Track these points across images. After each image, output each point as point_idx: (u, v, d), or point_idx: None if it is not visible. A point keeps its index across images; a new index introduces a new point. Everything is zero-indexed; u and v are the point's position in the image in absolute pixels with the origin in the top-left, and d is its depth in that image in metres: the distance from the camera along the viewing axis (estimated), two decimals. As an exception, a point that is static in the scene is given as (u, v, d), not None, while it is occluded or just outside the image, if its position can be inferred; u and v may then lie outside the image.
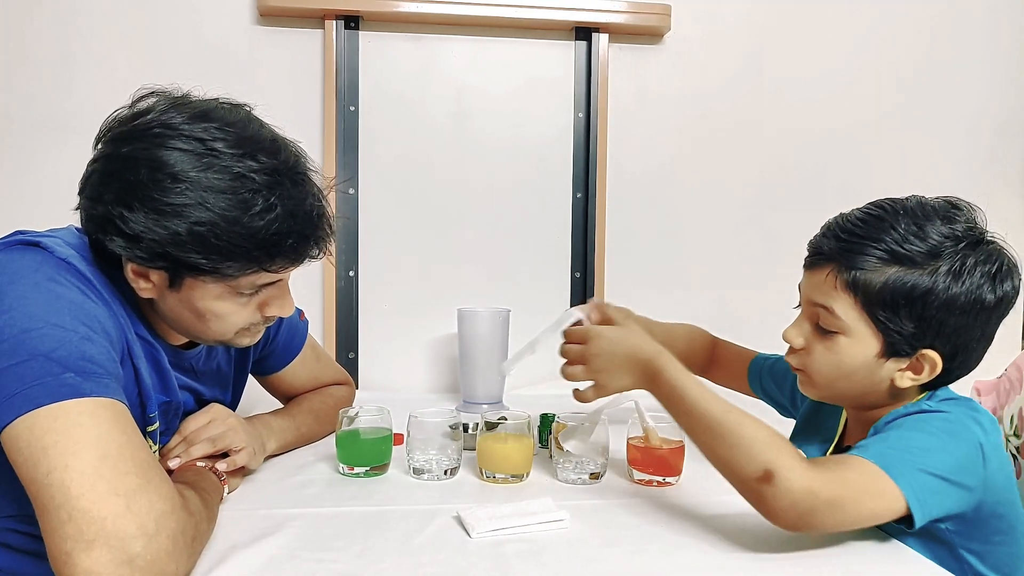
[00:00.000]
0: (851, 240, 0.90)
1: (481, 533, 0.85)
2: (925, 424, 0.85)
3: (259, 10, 1.66)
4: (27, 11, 1.63)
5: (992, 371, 1.49)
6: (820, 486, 0.77)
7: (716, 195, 1.84)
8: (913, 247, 0.87)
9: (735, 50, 1.82)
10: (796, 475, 0.77)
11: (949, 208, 0.91)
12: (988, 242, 0.91)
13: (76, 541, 0.65)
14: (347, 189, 1.71)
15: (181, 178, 0.80)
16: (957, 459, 0.82)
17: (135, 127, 0.83)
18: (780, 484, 0.78)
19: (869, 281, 0.88)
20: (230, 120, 0.85)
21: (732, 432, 0.83)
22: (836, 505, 0.78)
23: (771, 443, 0.81)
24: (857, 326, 0.90)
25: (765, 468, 0.78)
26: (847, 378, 0.93)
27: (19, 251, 0.83)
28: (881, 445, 0.83)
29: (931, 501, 0.80)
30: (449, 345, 1.76)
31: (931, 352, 0.89)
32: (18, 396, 0.70)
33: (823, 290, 0.92)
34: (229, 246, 0.82)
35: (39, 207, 1.63)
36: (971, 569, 0.87)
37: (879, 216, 0.90)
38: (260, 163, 0.83)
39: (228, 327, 0.92)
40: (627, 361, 0.97)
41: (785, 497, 0.78)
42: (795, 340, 0.96)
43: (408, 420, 1.08)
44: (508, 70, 1.77)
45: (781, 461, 0.78)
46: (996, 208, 1.89)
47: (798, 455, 0.80)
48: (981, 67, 1.91)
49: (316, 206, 0.89)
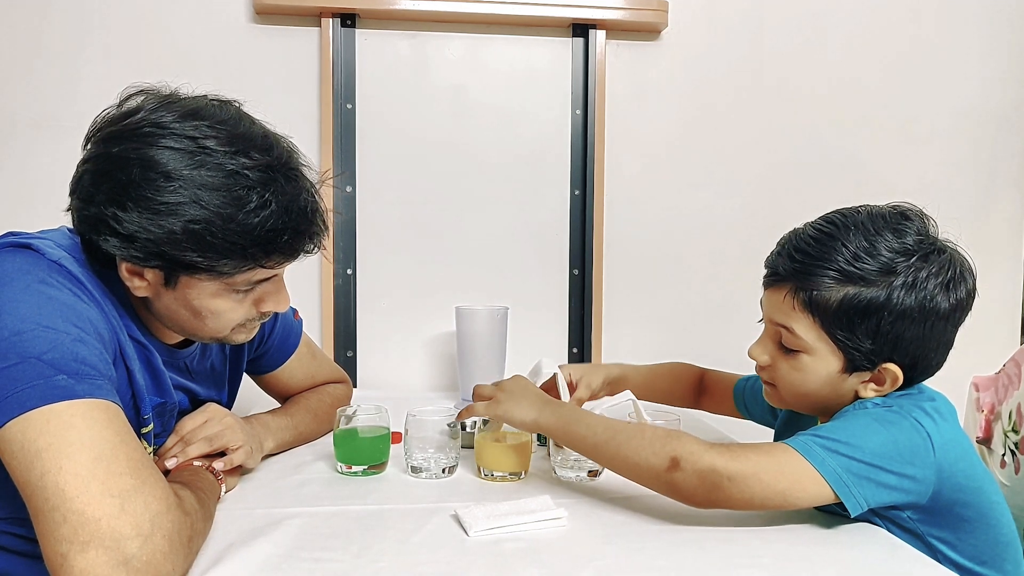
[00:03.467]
0: (805, 261, 0.91)
1: (479, 531, 0.85)
2: (860, 415, 0.88)
3: (255, 8, 1.66)
4: (22, 10, 1.63)
5: (991, 367, 1.49)
6: (723, 464, 0.83)
7: (714, 191, 1.84)
8: (865, 265, 0.88)
9: (732, 46, 1.82)
10: (699, 456, 0.84)
11: (899, 220, 0.91)
12: (940, 251, 0.90)
13: (71, 543, 0.65)
14: (344, 187, 1.71)
15: (174, 176, 0.80)
16: (894, 448, 0.84)
17: (125, 127, 0.83)
18: (686, 467, 0.85)
19: (825, 301, 0.89)
20: (221, 117, 0.85)
21: (634, 436, 0.90)
22: (739, 480, 0.83)
23: (671, 435, 0.88)
24: (818, 345, 0.91)
25: (671, 456, 0.86)
26: (813, 393, 0.95)
27: (10, 253, 0.82)
28: (808, 434, 0.86)
29: (859, 487, 0.82)
30: (447, 343, 1.75)
31: (891, 365, 0.90)
32: (10, 399, 0.69)
33: (783, 310, 0.93)
34: (225, 243, 0.82)
35: (31, 207, 1.63)
36: (944, 557, 0.88)
37: (830, 233, 0.91)
38: (253, 160, 0.83)
39: (224, 324, 0.92)
40: (530, 392, 1.05)
41: (692, 477, 0.84)
42: (760, 358, 0.98)
43: (406, 418, 1.08)
44: (505, 67, 1.76)
45: (684, 447, 0.86)
46: (996, 206, 1.91)
47: (700, 440, 0.87)
48: (981, 61, 1.90)
49: (310, 201, 0.89)
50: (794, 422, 1.11)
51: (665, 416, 1.11)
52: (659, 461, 0.86)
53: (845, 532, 0.85)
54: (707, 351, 1.48)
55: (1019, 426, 1.31)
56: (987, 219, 1.93)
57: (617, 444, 0.91)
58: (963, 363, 0.94)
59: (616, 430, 0.92)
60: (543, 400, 1.03)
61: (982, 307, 0.91)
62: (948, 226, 0.94)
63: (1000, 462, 1.37)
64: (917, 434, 0.85)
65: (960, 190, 1.91)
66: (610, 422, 0.94)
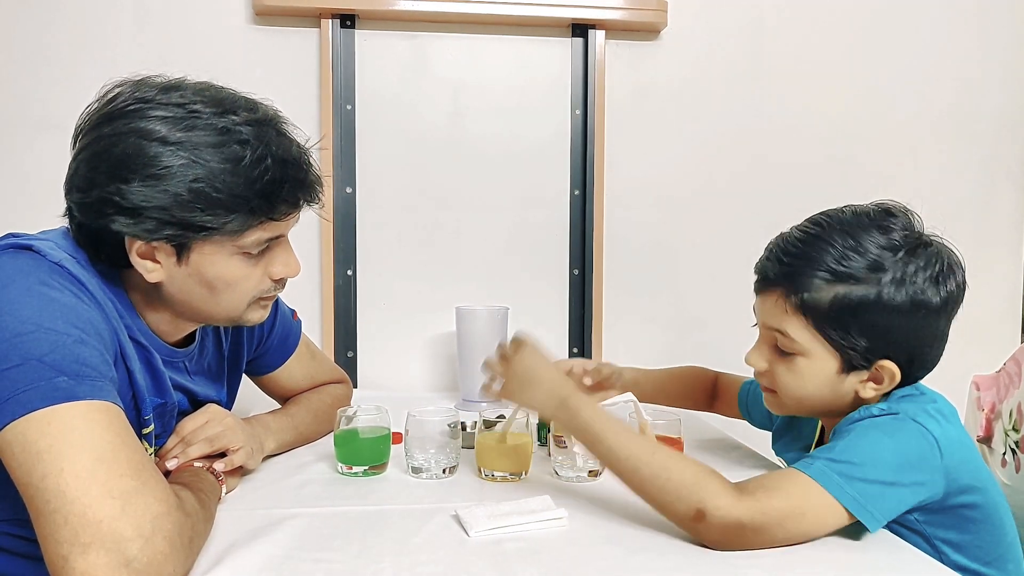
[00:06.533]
0: (793, 264, 0.91)
1: (479, 532, 0.85)
2: (868, 430, 0.87)
3: (255, 9, 1.66)
4: (20, 8, 1.63)
5: (991, 366, 1.49)
6: (749, 518, 0.80)
7: (714, 191, 1.84)
8: (853, 263, 0.88)
9: (732, 46, 1.82)
10: (724, 511, 0.80)
11: (885, 216, 0.91)
12: (927, 244, 0.91)
13: (72, 545, 0.65)
14: (344, 187, 1.71)
15: (170, 141, 0.82)
16: (904, 458, 0.84)
17: (112, 109, 0.85)
18: (712, 521, 0.81)
19: (817, 302, 0.89)
20: (201, 87, 0.89)
21: (658, 476, 0.85)
22: (763, 531, 0.81)
23: (698, 482, 0.83)
24: (813, 346, 0.91)
25: (695, 508, 0.82)
26: (812, 396, 0.95)
27: (11, 255, 0.82)
28: (824, 460, 0.84)
29: (878, 506, 0.82)
30: (447, 343, 1.75)
31: (887, 362, 0.90)
32: (11, 401, 0.69)
33: (775, 314, 0.93)
34: (229, 198, 0.84)
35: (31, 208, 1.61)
36: (949, 559, 0.88)
37: (816, 235, 0.91)
38: (241, 116, 0.86)
39: (239, 297, 0.92)
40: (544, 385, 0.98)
41: (716, 531, 0.81)
42: (758, 364, 0.98)
43: (406, 419, 1.08)
44: (505, 68, 1.76)
45: (709, 500, 0.81)
46: (996, 206, 1.91)
47: (725, 486, 0.82)
48: (981, 61, 1.90)
49: (303, 152, 0.92)
50: (793, 421, 1.11)
51: (665, 416, 1.12)
52: (684, 509, 0.83)
53: (846, 532, 0.84)
54: (707, 351, 1.48)
55: (1019, 425, 1.31)
56: (987, 219, 1.92)
57: (641, 479, 0.87)
58: (963, 362, 0.94)
59: (640, 463, 0.87)
60: (558, 396, 0.96)
61: (982, 306, 0.91)
62: (948, 226, 0.94)
63: (1001, 461, 1.38)
64: (924, 439, 0.85)
65: (960, 190, 1.91)
66: (632, 447, 0.88)
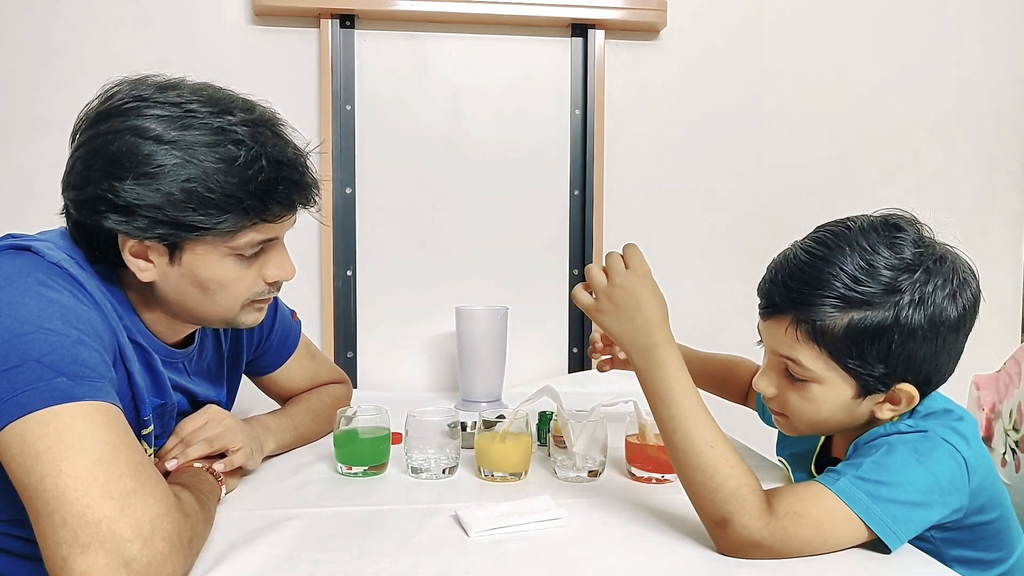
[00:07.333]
0: (802, 290, 0.86)
1: (479, 532, 0.85)
2: (899, 449, 0.84)
3: (254, 10, 1.66)
4: (20, 8, 1.63)
5: (991, 366, 1.49)
6: (770, 544, 0.79)
7: (714, 191, 1.84)
8: (867, 288, 0.83)
9: (732, 45, 1.82)
10: (749, 532, 0.79)
11: (893, 232, 0.86)
12: (941, 259, 0.86)
13: (71, 546, 0.65)
14: (344, 188, 1.71)
15: (164, 140, 0.82)
16: (934, 479, 0.82)
17: (109, 107, 0.85)
18: (732, 534, 0.80)
19: (830, 330, 0.85)
20: (198, 87, 0.89)
21: (704, 471, 0.83)
22: (779, 554, 0.80)
23: (737, 495, 0.81)
24: (827, 374, 0.87)
25: (723, 516, 0.81)
26: (827, 420, 0.91)
27: (10, 256, 0.82)
28: (850, 477, 0.82)
29: (904, 526, 0.80)
30: (447, 344, 1.75)
31: (906, 385, 0.87)
32: (10, 402, 0.69)
33: (786, 342, 0.88)
34: (223, 198, 0.83)
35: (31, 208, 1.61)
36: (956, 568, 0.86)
37: (823, 257, 0.86)
38: (238, 116, 0.86)
39: (233, 298, 0.92)
40: (641, 319, 0.90)
41: (733, 544, 0.81)
42: (767, 391, 0.94)
43: (406, 419, 1.08)
44: (504, 68, 1.76)
45: (738, 516, 0.80)
46: (996, 206, 1.91)
47: (760, 508, 0.80)
48: (981, 61, 1.90)
49: (299, 154, 0.91)
50: None
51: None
52: (712, 510, 0.81)
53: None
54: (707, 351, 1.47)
55: (1019, 425, 1.31)
56: (987, 219, 1.92)
57: (686, 465, 0.84)
58: (963, 362, 0.93)
59: (693, 451, 0.84)
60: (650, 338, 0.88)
61: (982, 306, 0.91)
62: (948, 226, 0.93)
63: (1000, 460, 1.37)
64: (954, 460, 0.83)
65: (960, 190, 1.91)
66: (694, 432, 0.84)
